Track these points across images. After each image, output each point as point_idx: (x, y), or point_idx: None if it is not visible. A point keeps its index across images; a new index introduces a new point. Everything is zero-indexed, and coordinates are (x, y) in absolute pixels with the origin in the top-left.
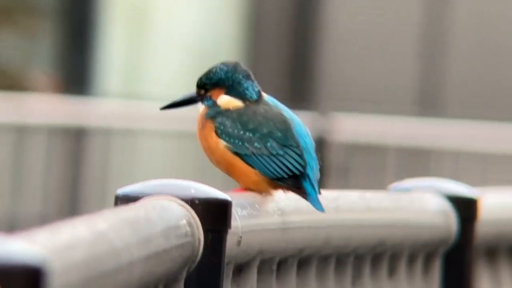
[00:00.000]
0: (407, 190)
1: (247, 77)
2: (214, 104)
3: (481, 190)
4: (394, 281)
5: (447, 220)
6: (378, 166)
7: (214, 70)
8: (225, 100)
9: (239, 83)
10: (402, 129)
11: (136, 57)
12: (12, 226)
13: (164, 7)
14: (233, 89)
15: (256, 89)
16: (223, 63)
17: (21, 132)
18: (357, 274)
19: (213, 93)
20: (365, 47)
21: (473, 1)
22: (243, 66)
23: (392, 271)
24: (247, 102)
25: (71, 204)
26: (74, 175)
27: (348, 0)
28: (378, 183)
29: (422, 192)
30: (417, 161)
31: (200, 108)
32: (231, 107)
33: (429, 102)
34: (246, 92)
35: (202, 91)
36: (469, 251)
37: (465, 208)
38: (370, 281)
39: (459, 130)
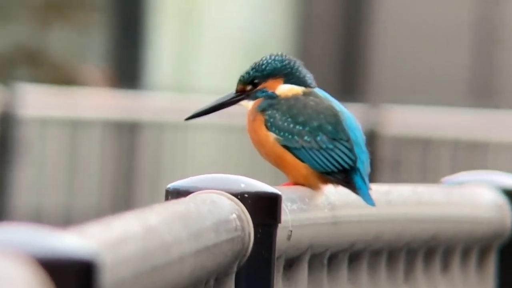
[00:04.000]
0: (460, 183)
1: (302, 65)
2: (270, 95)
3: None
4: (448, 276)
5: (502, 213)
6: (430, 159)
7: (266, 61)
8: (285, 89)
9: (298, 70)
10: (456, 121)
11: (187, 51)
12: (68, 219)
13: (215, 1)
14: (293, 77)
15: (312, 78)
16: (272, 55)
17: (75, 126)
18: (409, 269)
19: (268, 84)
20: (417, 38)
21: None
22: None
23: (445, 266)
24: (308, 89)
25: (125, 198)
26: (128, 169)
27: None
28: (431, 177)
29: (476, 186)
30: (473, 155)
31: (246, 104)
32: (291, 95)
33: (483, 93)
34: (306, 78)
35: (249, 87)
36: None
37: None
38: (423, 276)
39: None
